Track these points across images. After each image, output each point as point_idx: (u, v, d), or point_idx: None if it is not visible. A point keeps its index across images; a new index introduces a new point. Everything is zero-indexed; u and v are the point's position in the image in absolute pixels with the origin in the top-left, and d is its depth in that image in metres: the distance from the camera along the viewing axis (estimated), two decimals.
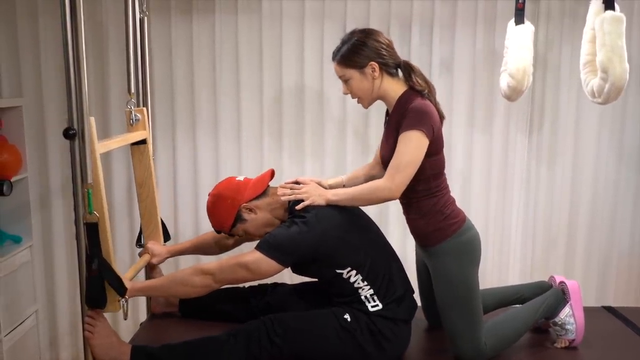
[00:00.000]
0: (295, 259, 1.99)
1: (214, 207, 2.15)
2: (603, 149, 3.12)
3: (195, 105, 3.02)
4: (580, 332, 2.21)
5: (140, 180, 2.46)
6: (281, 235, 1.97)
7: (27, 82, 2.97)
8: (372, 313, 2.02)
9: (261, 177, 2.20)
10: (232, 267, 1.95)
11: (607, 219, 3.18)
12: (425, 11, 2.97)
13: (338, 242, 1.99)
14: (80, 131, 1.82)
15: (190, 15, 2.95)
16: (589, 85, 2.28)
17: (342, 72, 2.07)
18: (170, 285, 2.03)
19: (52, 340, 3.18)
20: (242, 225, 2.13)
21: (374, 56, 2.02)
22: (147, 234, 2.51)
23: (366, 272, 2.02)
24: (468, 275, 2.07)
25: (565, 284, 2.29)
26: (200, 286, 1.97)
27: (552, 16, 2.97)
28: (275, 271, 1.96)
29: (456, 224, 2.08)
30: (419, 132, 1.94)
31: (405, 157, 1.95)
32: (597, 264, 3.22)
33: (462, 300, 2.06)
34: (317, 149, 3.07)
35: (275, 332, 1.99)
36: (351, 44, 2.04)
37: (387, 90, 2.07)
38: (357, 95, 2.10)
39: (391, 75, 2.07)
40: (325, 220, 1.98)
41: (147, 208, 2.49)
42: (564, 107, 3.07)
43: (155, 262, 2.42)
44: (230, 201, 2.11)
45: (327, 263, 2.02)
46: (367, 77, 2.04)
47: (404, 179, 1.95)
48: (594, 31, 2.24)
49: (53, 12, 2.91)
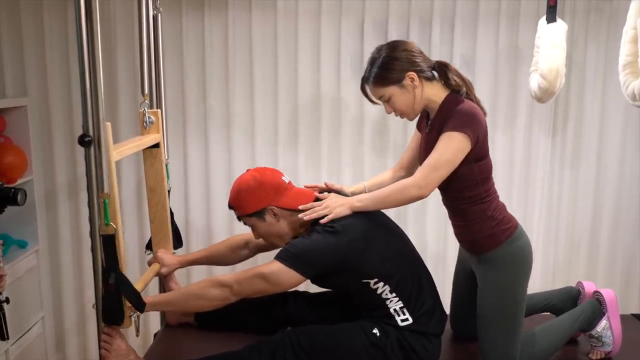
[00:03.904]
0: (318, 270, 1.89)
1: (247, 189, 2.02)
2: (628, 151, 3.04)
3: (207, 105, 2.93)
4: (618, 344, 2.15)
5: (152, 185, 2.36)
6: (303, 245, 1.88)
7: (31, 82, 2.88)
8: (402, 327, 1.93)
9: (303, 193, 2.08)
10: (250, 279, 1.87)
11: (631, 223, 3.10)
12: (446, 7, 2.87)
13: (365, 252, 1.90)
14: (96, 138, 1.71)
15: (202, 11, 2.84)
16: (629, 87, 2.19)
17: (381, 92, 1.98)
18: (186, 299, 1.94)
19: (59, 348, 3.09)
20: (258, 221, 2.03)
21: (409, 66, 1.94)
22: (156, 241, 2.41)
23: (395, 283, 1.93)
24: (518, 287, 2.00)
25: (600, 294, 2.21)
26: (218, 299, 1.89)
27: (577, 13, 2.87)
28: (296, 283, 1.87)
29: (509, 230, 2.00)
30: (462, 135, 1.86)
31: (444, 156, 1.86)
32: (621, 269, 3.14)
33: (507, 313, 1.99)
34: (334, 150, 2.98)
35: (301, 346, 1.91)
36: (381, 61, 1.95)
37: (430, 96, 1.98)
38: (402, 111, 2.01)
39: (429, 80, 1.99)
40: (350, 230, 1.89)
41: (158, 214, 2.39)
42: (588, 108, 2.99)
43: (164, 272, 2.32)
44: (265, 195, 1.99)
45: (354, 274, 1.92)
46: (407, 89, 1.96)
47: (437, 179, 1.87)
48: (636, 31, 2.15)
49: (58, 10, 2.82)
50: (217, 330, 2.27)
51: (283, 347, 1.91)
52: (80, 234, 3.00)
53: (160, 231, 2.40)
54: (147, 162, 2.35)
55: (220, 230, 3.01)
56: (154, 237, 2.41)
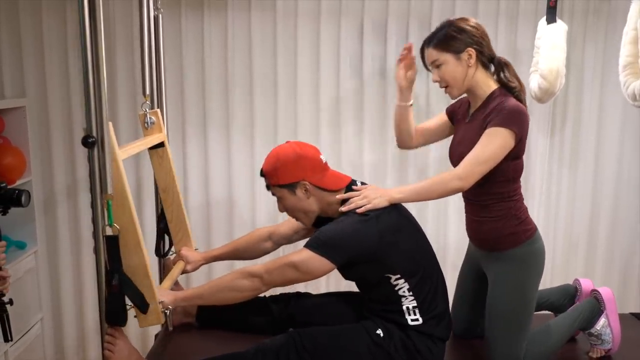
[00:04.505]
0: (346, 259, 1.87)
1: (285, 160, 1.96)
2: (626, 151, 3.06)
3: (206, 105, 2.93)
4: (617, 342, 2.16)
5: (164, 185, 2.35)
6: (333, 232, 1.86)
7: (30, 82, 2.86)
8: (410, 327, 1.92)
9: (341, 177, 2.03)
10: (280, 268, 1.86)
11: (629, 223, 3.12)
12: (445, 8, 2.88)
13: (393, 246, 1.89)
14: (99, 138, 1.71)
15: (202, 11, 2.84)
16: (629, 88, 2.21)
17: (437, 56, 1.97)
18: (216, 291, 1.94)
19: (58, 349, 3.08)
20: (287, 194, 1.98)
21: (472, 42, 1.94)
22: (177, 240, 2.40)
23: (414, 282, 1.92)
24: (530, 287, 2.01)
25: (598, 293, 2.22)
26: (249, 290, 1.90)
27: (575, 14, 2.89)
28: (326, 270, 1.86)
29: (530, 231, 2.01)
30: (508, 131, 1.86)
31: (487, 151, 1.86)
32: (619, 268, 3.17)
33: (517, 312, 2.00)
34: (334, 148, 2.98)
35: (305, 347, 1.90)
36: (449, 28, 1.96)
37: (479, 82, 1.98)
38: (448, 82, 1.99)
39: (485, 66, 1.99)
40: (382, 220, 1.88)
41: (175, 213, 2.38)
42: (586, 108, 3.00)
43: (190, 269, 2.32)
44: (301, 169, 1.95)
45: (378, 266, 1.90)
46: (462, 63, 1.95)
47: (479, 172, 1.87)
48: (636, 32, 2.17)
49: (57, 10, 2.81)
50: (219, 331, 2.26)
51: (287, 348, 1.90)
52: (79, 235, 2.99)
53: (179, 230, 2.40)
54: (155, 163, 2.34)
55: (219, 230, 3.01)
56: (174, 236, 2.40)
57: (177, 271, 2.26)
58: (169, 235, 2.43)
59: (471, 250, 2.21)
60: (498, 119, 1.87)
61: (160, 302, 1.89)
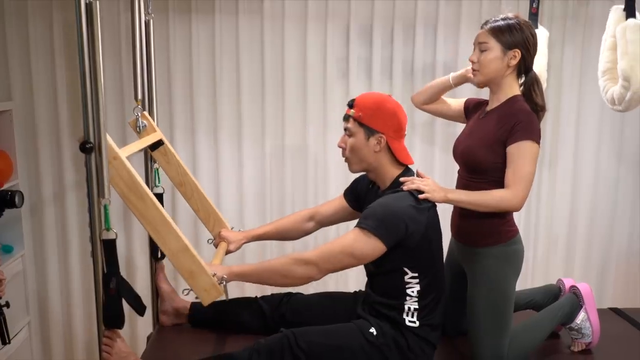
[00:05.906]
0: (395, 242, 1.85)
1: (383, 107, 1.97)
2: (603, 152, 3.15)
3: (194, 108, 2.94)
4: (597, 335, 2.23)
5: (178, 180, 2.36)
6: (389, 210, 1.85)
7: (16, 85, 2.84)
8: (406, 327, 1.95)
9: (409, 156, 2.03)
10: (335, 255, 1.86)
11: (607, 221, 3.22)
12: (429, 12, 2.94)
13: (429, 243, 1.93)
14: (97, 143, 1.72)
15: (190, 15, 2.85)
16: (608, 92, 2.28)
17: (487, 39, 2.02)
18: (268, 274, 1.94)
19: (45, 353, 3.07)
20: (362, 134, 1.96)
21: (523, 45, 2.00)
22: (210, 227, 2.42)
23: (424, 286, 1.95)
24: (509, 285, 2.06)
25: (577, 288, 2.30)
26: (303, 277, 1.90)
27: (554, 18, 2.97)
28: (379, 252, 1.85)
29: (512, 232, 2.08)
30: (532, 143, 1.95)
31: (526, 168, 1.94)
32: (596, 265, 3.25)
33: (497, 308, 2.05)
34: (320, 153, 3.02)
35: (299, 347, 1.92)
36: (511, 22, 2.01)
37: (506, 84, 2.05)
38: (484, 66, 2.03)
39: (518, 74, 2.05)
40: (432, 216, 1.93)
41: (199, 202, 2.39)
42: (565, 109, 3.08)
43: (233, 249, 2.32)
44: (389, 124, 1.95)
45: (403, 257, 1.91)
46: (504, 58, 2.01)
47: (527, 191, 1.95)
48: (615, 39, 2.24)
49: (43, 14, 2.80)
50: (211, 332, 2.28)
51: (281, 348, 1.92)
52: (67, 239, 2.98)
53: (209, 216, 2.40)
54: (162, 162, 2.35)
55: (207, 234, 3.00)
56: (206, 223, 2.42)
57: (221, 251, 2.26)
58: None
59: (452, 249, 2.26)
60: (520, 131, 1.94)
61: (214, 274, 1.90)
